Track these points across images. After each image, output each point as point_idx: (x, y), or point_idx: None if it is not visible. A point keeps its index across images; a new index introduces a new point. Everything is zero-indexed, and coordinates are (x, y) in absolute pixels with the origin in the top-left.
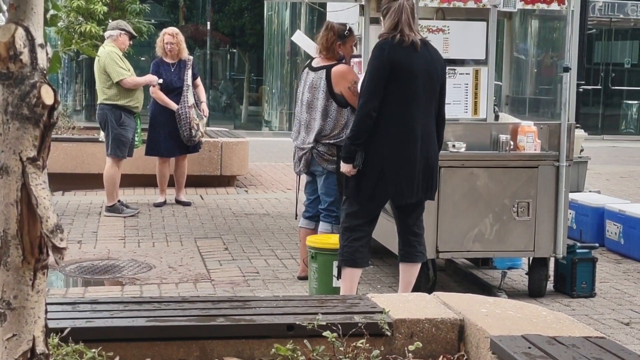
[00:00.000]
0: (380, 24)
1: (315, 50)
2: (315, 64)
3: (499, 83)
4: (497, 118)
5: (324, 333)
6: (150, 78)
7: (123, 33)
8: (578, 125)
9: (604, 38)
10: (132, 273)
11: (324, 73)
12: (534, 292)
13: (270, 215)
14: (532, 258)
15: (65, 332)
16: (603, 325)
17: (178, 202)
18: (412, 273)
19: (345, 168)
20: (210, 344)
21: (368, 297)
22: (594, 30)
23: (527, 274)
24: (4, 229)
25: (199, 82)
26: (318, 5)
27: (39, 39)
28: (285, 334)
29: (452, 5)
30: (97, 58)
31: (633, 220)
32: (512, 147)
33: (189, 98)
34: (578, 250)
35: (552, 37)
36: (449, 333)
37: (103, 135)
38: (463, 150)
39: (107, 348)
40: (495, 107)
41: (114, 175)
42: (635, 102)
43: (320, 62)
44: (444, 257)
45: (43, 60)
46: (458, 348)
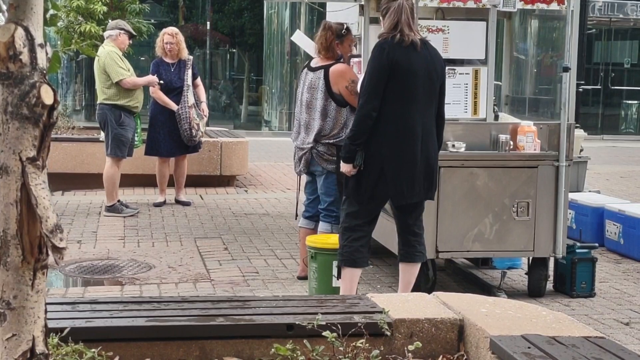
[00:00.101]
0: (380, 24)
1: (314, 50)
2: (314, 64)
3: (499, 83)
4: (496, 118)
5: (324, 333)
6: (150, 79)
7: (122, 33)
8: (578, 125)
9: (604, 38)
10: (131, 273)
11: (322, 73)
12: (534, 292)
13: (270, 215)
14: (531, 258)
15: (65, 332)
16: (603, 325)
17: (178, 202)
18: (411, 273)
19: (345, 168)
20: (210, 344)
21: (368, 297)
22: (594, 30)
23: (526, 274)
24: (4, 229)
25: (199, 82)
26: (318, 5)
27: (39, 39)
28: (285, 334)
29: (451, 5)
30: (96, 58)
31: (633, 220)
32: (511, 147)
33: (189, 98)
34: (578, 250)
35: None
36: (449, 333)
37: (104, 135)
38: (463, 150)
39: (106, 348)
40: (495, 107)
41: (114, 175)
42: (635, 102)
43: (319, 62)
44: (444, 257)
45: (43, 60)
46: (458, 348)
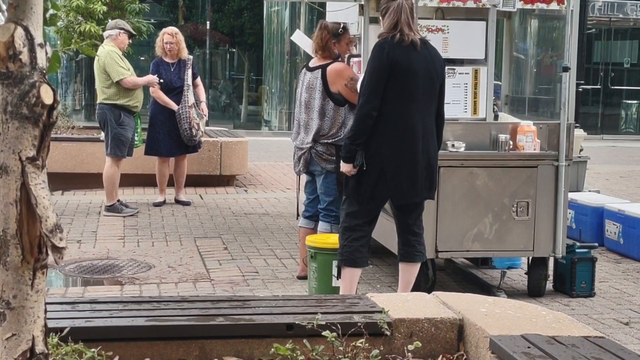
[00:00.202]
0: (380, 24)
1: (312, 50)
2: (312, 64)
3: (499, 83)
4: (496, 118)
5: (324, 333)
6: (150, 79)
7: (122, 32)
8: (577, 125)
9: (604, 38)
10: (131, 273)
11: (320, 73)
12: (534, 291)
13: (270, 215)
14: (531, 258)
15: (65, 331)
16: (602, 325)
17: (177, 201)
18: (411, 273)
19: (345, 168)
20: (210, 344)
21: (367, 296)
22: (594, 30)
23: (526, 274)
24: (4, 229)
25: (199, 81)
26: (317, 5)
27: (39, 39)
28: (285, 334)
29: (451, 5)
30: (96, 57)
31: (632, 220)
32: (511, 146)
33: (189, 98)
34: (577, 250)
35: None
36: (449, 333)
37: (104, 135)
38: (462, 150)
39: (106, 348)
40: (495, 106)
41: (114, 175)
42: (635, 101)
43: (317, 61)
44: (444, 256)
45: (42, 60)
46: (457, 348)
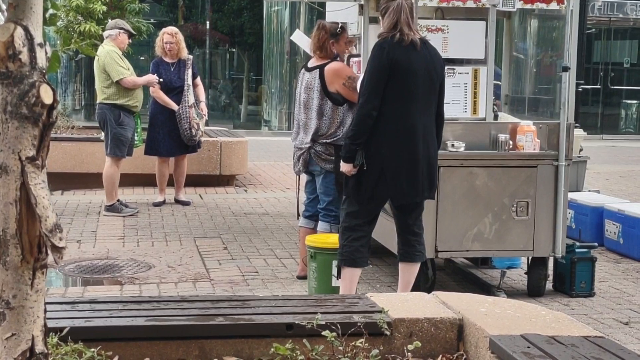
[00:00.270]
0: (379, 24)
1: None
2: (310, 64)
3: (498, 83)
4: (496, 117)
5: (323, 332)
6: (150, 79)
7: (122, 32)
8: (577, 125)
9: (603, 37)
10: (131, 272)
11: (318, 73)
12: (533, 291)
13: (270, 215)
14: (531, 257)
15: (65, 331)
16: (602, 325)
17: (177, 201)
18: (411, 272)
19: (345, 168)
20: (210, 344)
21: (367, 296)
22: (593, 30)
23: (526, 274)
24: (3, 228)
25: (199, 81)
26: (317, 5)
27: (38, 38)
28: (285, 334)
29: (451, 5)
30: (96, 57)
31: (632, 220)
32: (511, 146)
33: (189, 98)
34: (577, 250)
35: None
36: (448, 332)
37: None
38: (462, 150)
39: (106, 347)
40: (495, 106)
41: (113, 175)
42: (635, 101)
43: (315, 62)
44: (443, 256)
45: (42, 60)
46: (457, 347)
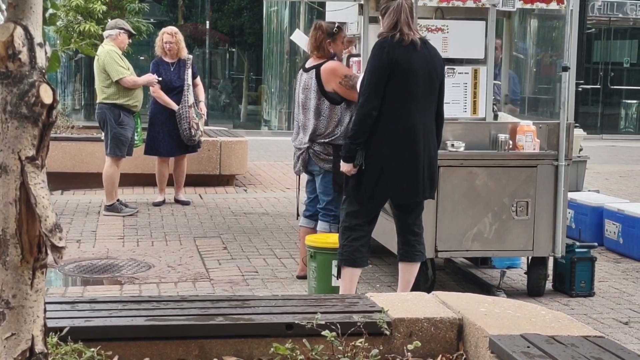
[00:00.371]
0: (379, 23)
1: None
2: (308, 65)
3: (498, 82)
4: (496, 117)
5: (323, 332)
6: (149, 78)
7: (122, 32)
8: (577, 125)
9: (603, 37)
10: (131, 272)
11: (314, 73)
12: (533, 291)
13: (269, 215)
14: (531, 257)
15: (64, 331)
16: (602, 325)
17: (177, 201)
18: (411, 272)
19: (346, 167)
20: (209, 343)
21: (367, 296)
22: (593, 30)
23: (526, 273)
24: (3, 228)
25: (199, 81)
26: (317, 5)
27: (38, 38)
28: (284, 333)
29: (451, 5)
30: (96, 57)
31: (632, 220)
32: (511, 146)
33: (189, 98)
34: (577, 250)
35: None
36: (448, 332)
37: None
38: (462, 150)
39: (106, 347)
40: (494, 106)
41: (113, 175)
42: (634, 101)
43: (312, 62)
44: (443, 256)
45: (42, 59)
46: (457, 347)
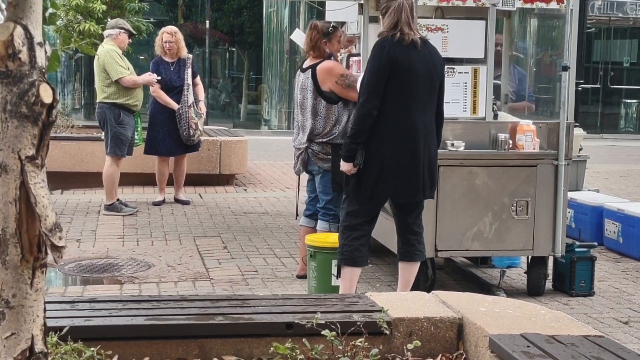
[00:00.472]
0: (379, 23)
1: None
2: (305, 65)
3: (498, 82)
4: (496, 117)
5: (323, 332)
6: (149, 78)
7: (122, 32)
8: (577, 124)
9: (603, 37)
10: (130, 272)
11: (310, 72)
12: (533, 290)
13: (269, 214)
14: (531, 257)
15: (64, 330)
16: (602, 324)
17: (177, 200)
18: (411, 272)
19: (346, 167)
20: (209, 343)
21: (367, 295)
22: (593, 29)
23: (526, 273)
24: (3, 228)
25: (199, 80)
26: (317, 4)
27: (38, 38)
28: (284, 333)
29: (451, 4)
30: (96, 56)
31: (632, 219)
32: (511, 146)
33: (189, 97)
34: (577, 249)
35: (551, 35)
36: (448, 332)
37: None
38: (462, 149)
39: (105, 347)
40: (494, 105)
41: (113, 174)
42: (634, 100)
43: (309, 62)
44: (443, 255)
45: (42, 59)
46: (457, 347)
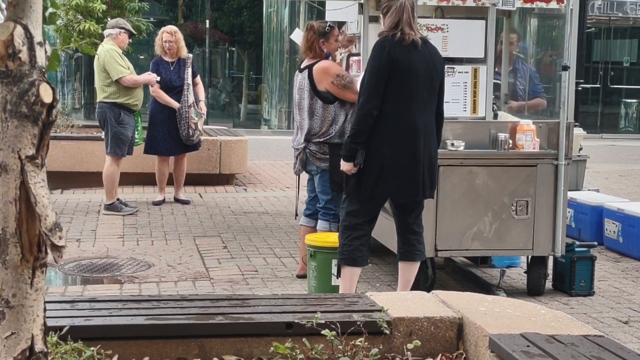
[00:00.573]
0: (379, 22)
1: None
2: (303, 65)
3: (498, 81)
4: (495, 116)
5: (323, 331)
6: (149, 77)
7: (122, 31)
8: (577, 124)
9: (603, 37)
10: (130, 271)
11: (307, 73)
12: (533, 290)
13: (269, 214)
14: (530, 256)
15: (64, 330)
16: (602, 324)
17: (177, 200)
18: (411, 271)
19: (346, 167)
20: (209, 342)
21: (367, 295)
22: (593, 29)
23: (525, 273)
24: (3, 227)
25: (199, 80)
26: (317, 4)
27: (38, 37)
28: (284, 333)
29: (451, 4)
30: (96, 56)
31: (632, 219)
32: (511, 145)
33: (189, 97)
34: (577, 249)
35: (551, 35)
36: (448, 331)
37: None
38: (462, 149)
39: (105, 346)
40: (494, 105)
41: (113, 174)
42: (634, 100)
43: (306, 62)
44: (443, 255)
45: (42, 59)
46: (457, 346)
